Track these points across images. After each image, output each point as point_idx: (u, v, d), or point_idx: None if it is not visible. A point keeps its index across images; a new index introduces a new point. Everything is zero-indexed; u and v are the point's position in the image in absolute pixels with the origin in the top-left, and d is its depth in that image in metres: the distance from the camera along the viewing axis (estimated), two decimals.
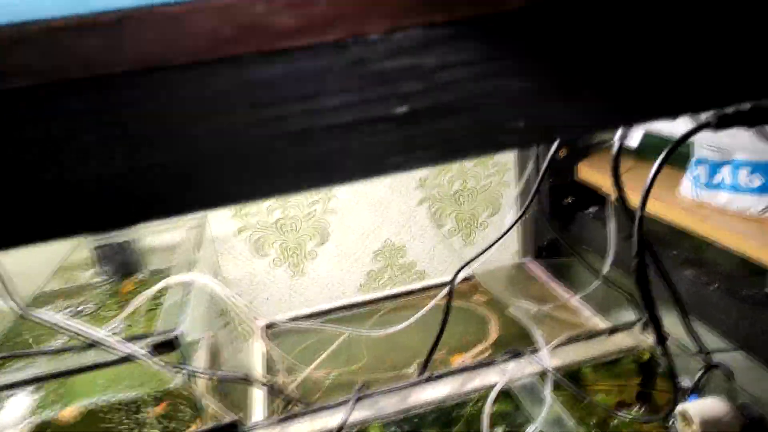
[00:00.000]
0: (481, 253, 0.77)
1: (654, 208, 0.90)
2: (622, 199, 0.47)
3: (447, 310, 0.74)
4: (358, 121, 0.27)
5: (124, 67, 0.22)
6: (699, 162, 0.76)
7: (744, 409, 0.59)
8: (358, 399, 0.70)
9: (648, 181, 0.44)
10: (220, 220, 1.13)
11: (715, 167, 0.74)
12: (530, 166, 1.02)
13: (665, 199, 0.87)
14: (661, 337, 0.48)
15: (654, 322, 0.47)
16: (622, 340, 0.76)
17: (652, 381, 0.75)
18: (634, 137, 0.52)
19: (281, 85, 0.25)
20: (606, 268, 0.92)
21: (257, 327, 0.95)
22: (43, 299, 0.91)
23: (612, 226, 0.94)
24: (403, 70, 0.26)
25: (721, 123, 0.40)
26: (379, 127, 0.27)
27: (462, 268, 0.74)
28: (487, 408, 0.66)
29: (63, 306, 0.90)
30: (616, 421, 0.68)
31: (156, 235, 1.09)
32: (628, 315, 0.92)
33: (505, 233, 0.72)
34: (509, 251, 1.28)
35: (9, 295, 0.55)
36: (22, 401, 0.65)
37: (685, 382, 0.71)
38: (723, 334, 0.76)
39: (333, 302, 1.15)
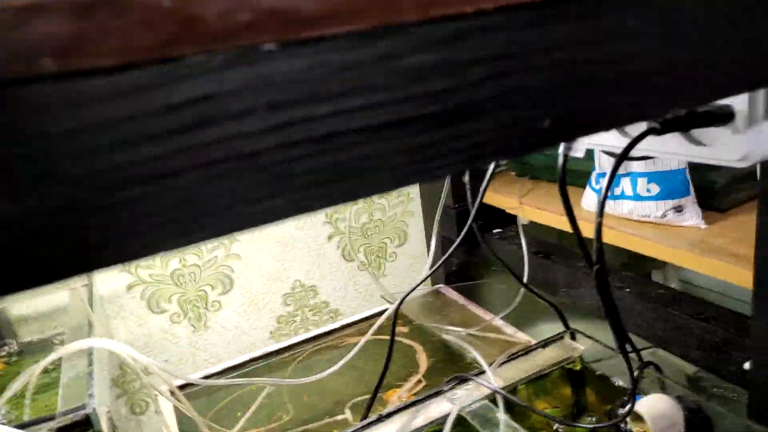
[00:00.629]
0: (416, 287, 0.75)
1: (558, 222, 0.96)
2: (569, 212, 0.48)
3: (392, 337, 0.72)
4: (389, 123, 0.24)
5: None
6: (601, 175, 0.82)
7: (680, 401, 0.62)
8: None
9: (603, 187, 0.45)
10: (106, 277, 1.00)
11: (615, 179, 0.80)
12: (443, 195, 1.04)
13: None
14: (622, 340, 0.50)
15: (617, 329, 0.49)
16: (554, 353, 0.78)
17: (584, 388, 0.78)
18: (580, 148, 0.54)
19: (304, 81, 0.22)
20: (525, 278, 0.95)
21: (166, 391, 0.84)
22: None
23: (523, 241, 0.99)
24: (435, 65, 0.24)
25: (665, 128, 0.43)
26: (410, 128, 0.24)
27: (411, 291, 0.72)
28: None
29: None
30: None
31: (28, 301, 0.93)
32: (549, 328, 0.96)
33: (447, 255, 0.71)
34: (419, 279, 1.28)
35: None
36: None
37: (618, 382, 0.74)
38: (639, 334, 0.81)
39: (243, 355, 1.06)
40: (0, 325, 0.86)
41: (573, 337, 0.79)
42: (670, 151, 0.46)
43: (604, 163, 0.80)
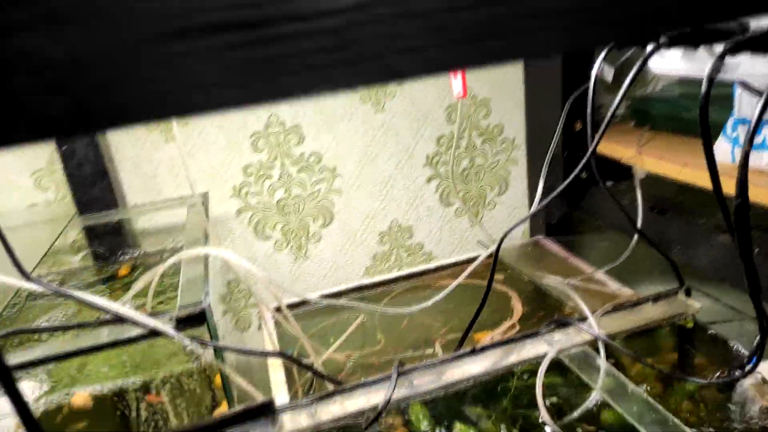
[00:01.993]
0: (525, 219, 0.73)
1: (685, 174, 0.88)
2: (707, 137, 0.44)
3: (491, 277, 0.70)
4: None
5: None
6: (739, 122, 0.74)
7: None
8: (399, 375, 0.64)
9: (755, 115, 0.40)
10: (219, 200, 1.06)
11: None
12: (555, 142, 0.99)
13: (698, 166, 0.84)
14: (756, 290, 0.45)
15: (752, 281, 0.44)
16: (668, 308, 0.73)
17: (694, 348, 0.73)
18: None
19: None
20: (634, 236, 0.89)
21: (266, 309, 0.88)
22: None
23: (639, 194, 0.92)
24: None
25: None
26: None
27: (507, 233, 0.70)
28: (540, 377, 0.62)
29: None
30: (672, 387, 0.64)
31: (151, 216, 1.01)
32: (655, 289, 0.90)
33: (549, 198, 0.68)
34: (517, 230, 1.24)
35: (20, 267, 0.47)
36: (30, 385, 0.58)
37: (737, 346, 0.68)
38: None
39: (339, 286, 1.09)
40: (126, 235, 0.95)
41: (688, 294, 0.73)
42: None
43: (744, 108, 0.72)
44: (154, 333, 0.54)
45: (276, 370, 0.82)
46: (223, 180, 1.05)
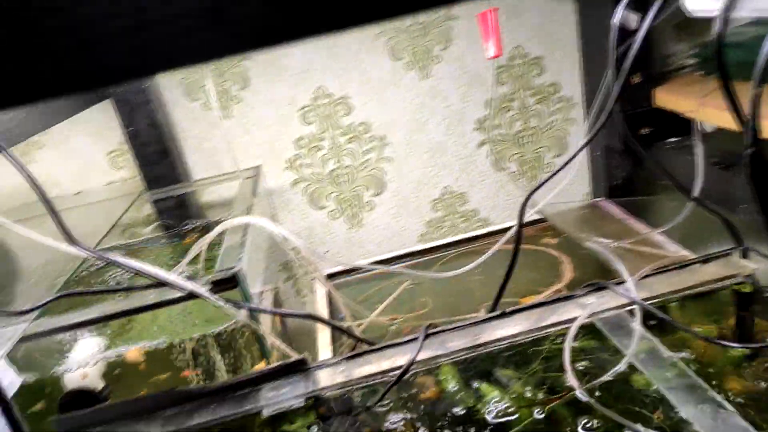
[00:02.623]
0: (547, 180, 0.70)
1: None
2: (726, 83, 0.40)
3: (518, 240, 0.69)
4: None
5: None
6: None
7: None
8: (427, 336, 0.66)
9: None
10: (275, 173, 1.11)
11: None
12: (600, 92, 0.94)
13: (765, 116, 0.77)
14: None
15: None
16: (717, 271, 0.68)
17: (753, 312, 0.68)
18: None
19: None
20: (696, 191, 0.83)
21: (320, 271, 0.93)
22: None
23: (699, 151, 0.85)
24: None
25: None
26: None
27: (529, 195, 0.68)
28: (568, 341, 0.60)
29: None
30: (715, 355, 0.61)
31: (212, 189, 1.08)
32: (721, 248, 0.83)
33: (574, 156, 0.65)
34: (579, 193, 1.20)
35: (70, 236, 0.53)
36: (91, 341, 0.65)
37: None
38: None
39: (393, 252, 1.12)
40: (190, 207, 1.02)
41: (745, 255, 0.68)
42: None
43: None
44: (192, 295, 0.59)
45: (322, 331, 0.87)
46: (277, 153, 1.10)
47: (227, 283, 0.60)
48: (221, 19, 0.21)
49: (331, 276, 1.08)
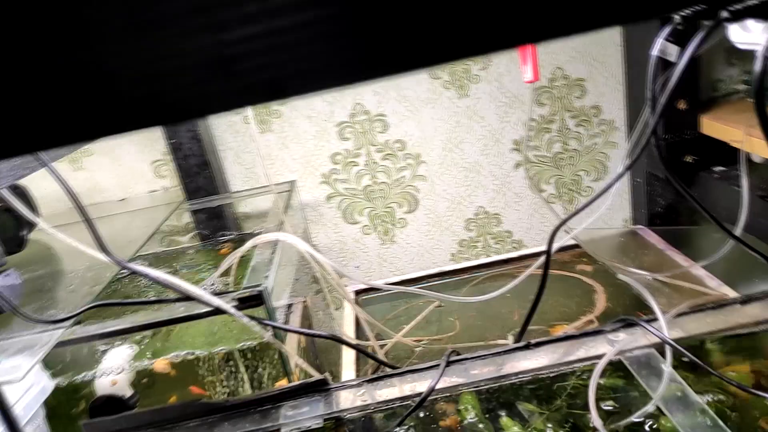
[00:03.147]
0: (582, 208, 0.69)
1: None
2: (761, 114, 0.38)
3: (545, 270, 0.68)
4: None
5: None
6: None
7: None
8: (449, 364, 0.65)
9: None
10: (310, 187, 1.13)
11: None
12: (642, 120, 0.91)
13: None
14: None
15: None
16: (758, 312, 0.65)
17: None
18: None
19: None
20: (740, 229, 0.79)
21: (346, 291, 0.93)
22: (144, 260, 0.95)
23: (744, 182, 0.82)
24: None
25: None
26: None
27: (559, 226, 0.67)
28: (594, 379, 0.59)
29: (162, 265, 0.93)
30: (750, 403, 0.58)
31: (249, 202, 1.10)
32: (766, 287, 0.79)
33: (610, 186, 0.64)
34: (618, 218, 1.17)
35: (103, 247, 0.56)
36: (123, 350, 0.68)
37: None
38: None
39: (425, 270, 1.11)
40: (226, 219, 1.05)
41: None
42: None
43: None
44: (219, 311, 0.61)
45: (347, 349, 0.87)
46: (313, 167, 1.12)
47: (253, 301, 0.61)
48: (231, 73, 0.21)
49: (361, 291, 1.09)
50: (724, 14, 0.44)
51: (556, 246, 1.05)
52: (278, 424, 0.62)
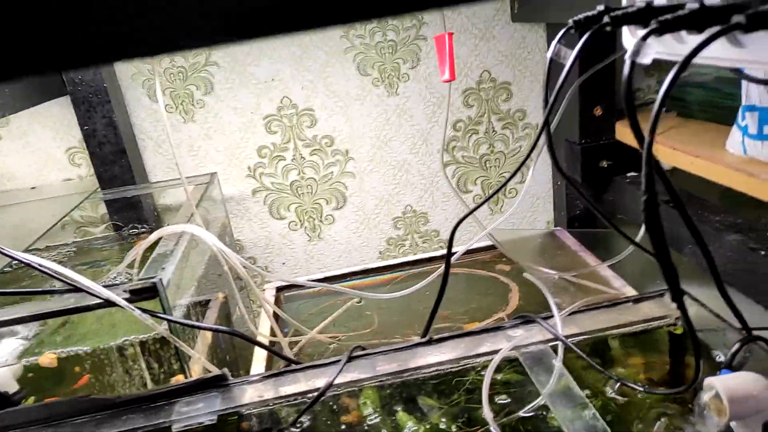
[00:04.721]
0: (474, 210, 0.70)
1: (696, 167, 0.80)
2: (633, 123, 0.40)
3: (446, 268, 0.68)
4: None
5: None
6: (747, 109, 0.66)
7: None
8: (351, 359, 0.65)
9: (659, 97, 0.36)
10: (235, 180, 1.10)
11: (766, 115, 0.64)
12: (542, 127, 0.94)
13: (710, 156, 0.77)
14: (677, 293, 0.41)
15: (668, 277, 0.40)
16: (649, 311, 0.68)
17: (682, 356, 0.67)
18: (647, 55, 0.44)
19: None
20: (641, 234, 0.83)
21: (253, 285, 0.92)
22: (51, 250, 0.91)
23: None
24: None
25: (751, 25, 0.32)
26: None
27: (460, 222, 0.68)
28: (488, 374, 0.60)
29: (70, 256, 0.89)
30: (639, 396, 0.60)
31: (170, 193, 1.07)
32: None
33: (495, 193, 0.65)
34: (542, 221, 1.19)
35: None
36: (12, 342, 0.64)
37: (719, 356, 0.62)
38: None
39: (351, 268, 1.11)
40: (141, 210, 1.01)
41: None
42: None
43: (752, 93, 0.64)
44: (110, 303, 0.58)
45: (259, 348, 0.85)
46: (239, 160, 1.09)
47: (147, 293, 0.59)
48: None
49: (284, 288, 1.07)
50: (605, 19, 0.45)
51: (475, 245, 1.07)
52: (170, 420, 0.60)
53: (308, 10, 0.21)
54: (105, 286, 0.58)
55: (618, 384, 0.62)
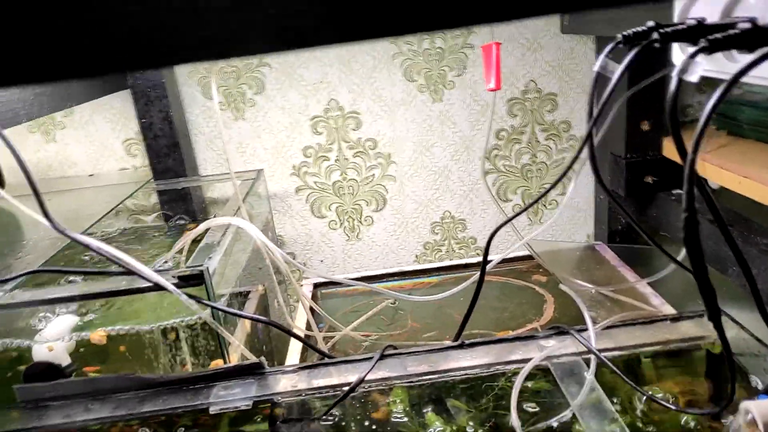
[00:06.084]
0: (510, 219, 0.70)
1: (744, 187, 0.78)
2: (677, 139, 0.40)
3: (482, 274, 0.69)
4: None
5: None
6: None
7: None
8: (383, 357, 0.66)
9: (704, 115, 0.36)
10: (280, 177, 1.14)
11: None
12: (585, 141, 0.93)
13: (759, 177, 0.75)
14: (713, 312, 0.41)
15: (705, 295, 0.40)
16: (688, 330, 0.67)
17: (719, 376, 0.66)
18: (695, 72, 0.44)
19: None
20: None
21: (293, 279, 0.94)
22: (105, 235, 0.96)
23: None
24: None
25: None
26: None
27: (497, 229, 0.68)
28: (518, 382, 0.60)
29: (122, 241, 0.94)
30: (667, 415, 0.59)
31: (219, 188, 1.11)
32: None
33: (547, 191, 0.65)
34: (582, 234, 1.18)
35: (46, 215, 0.56)
36: (67, 318, 0.69)
37: (757, 383, 0.61)
38: None
39: (387, 270, 1.12)
40: (191, 201, 1.06)
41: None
42: None
43: None
44: (158, 287, 0.62)
45: (295, 340, 0.88)
46: (284, 159, 1.13)
47: (194, 280, 0.62)
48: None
49: (321, 284, 1.10)
50: (654, 35, 0.45)
51: (512, 254, 1.07)
52: (207, 402, 0.63)
53: (358, 25, 0.23)
54: (155, 272, 0.62)
55: (647, 400, 0.61)
